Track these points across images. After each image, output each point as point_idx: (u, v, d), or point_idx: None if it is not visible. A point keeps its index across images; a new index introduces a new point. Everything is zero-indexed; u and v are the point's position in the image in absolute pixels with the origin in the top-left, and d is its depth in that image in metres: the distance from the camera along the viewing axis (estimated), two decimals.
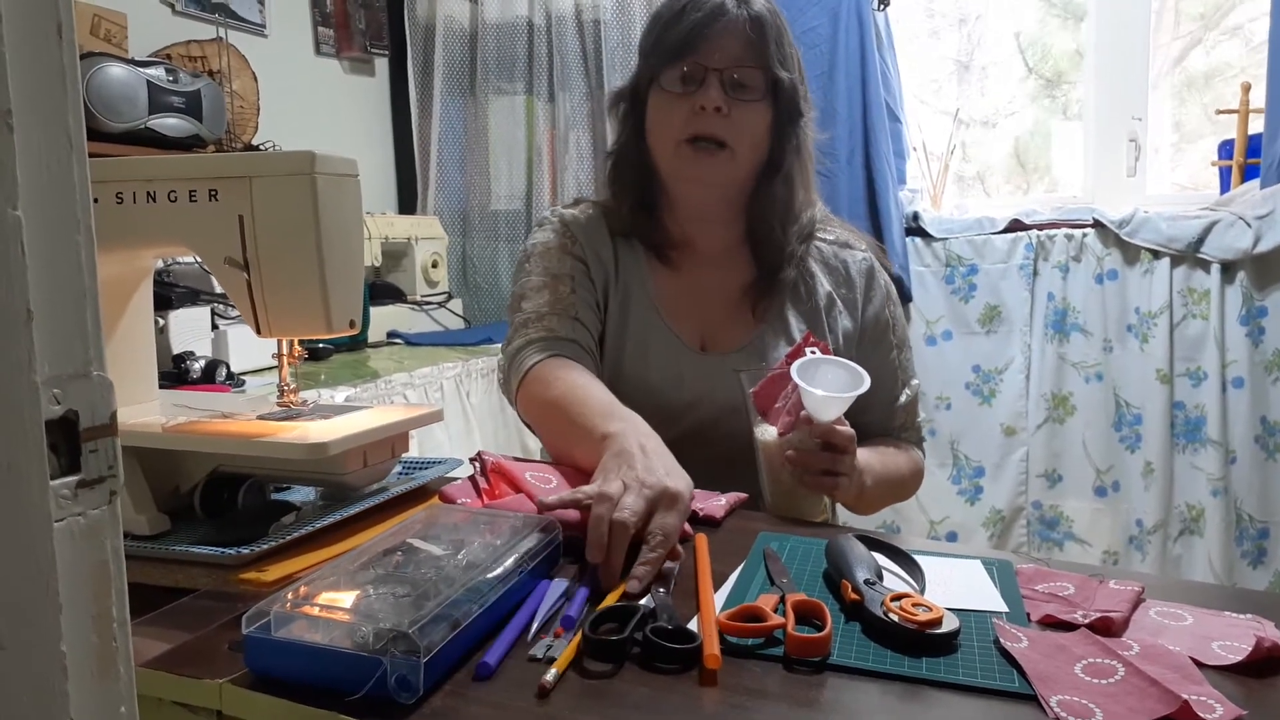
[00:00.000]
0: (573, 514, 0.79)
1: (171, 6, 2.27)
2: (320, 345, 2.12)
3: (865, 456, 1.02)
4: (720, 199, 1.15)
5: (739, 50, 1.07)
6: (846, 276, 1.19)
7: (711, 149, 1.08)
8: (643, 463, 0.81)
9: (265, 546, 0.76)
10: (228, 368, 1.79)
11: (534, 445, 1.37)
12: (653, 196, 1.17)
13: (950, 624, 0.63)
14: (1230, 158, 2.39)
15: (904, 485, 1.17)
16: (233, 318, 1.94)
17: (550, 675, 0.58)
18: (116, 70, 1.87)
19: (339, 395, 1.69)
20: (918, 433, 1.22)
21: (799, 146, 1.13)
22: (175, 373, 1.73)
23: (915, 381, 1.21)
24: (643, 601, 0.67)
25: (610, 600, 0.69)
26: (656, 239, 1.17)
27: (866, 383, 0.92)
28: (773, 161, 1.12)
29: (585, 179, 2.77)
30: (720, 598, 0.70)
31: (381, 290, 2.56)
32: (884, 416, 1.19)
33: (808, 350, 0.96)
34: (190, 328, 1.83)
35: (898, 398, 1.19)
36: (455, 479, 0.96)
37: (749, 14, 1.07)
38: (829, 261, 1.19)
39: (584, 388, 1.00)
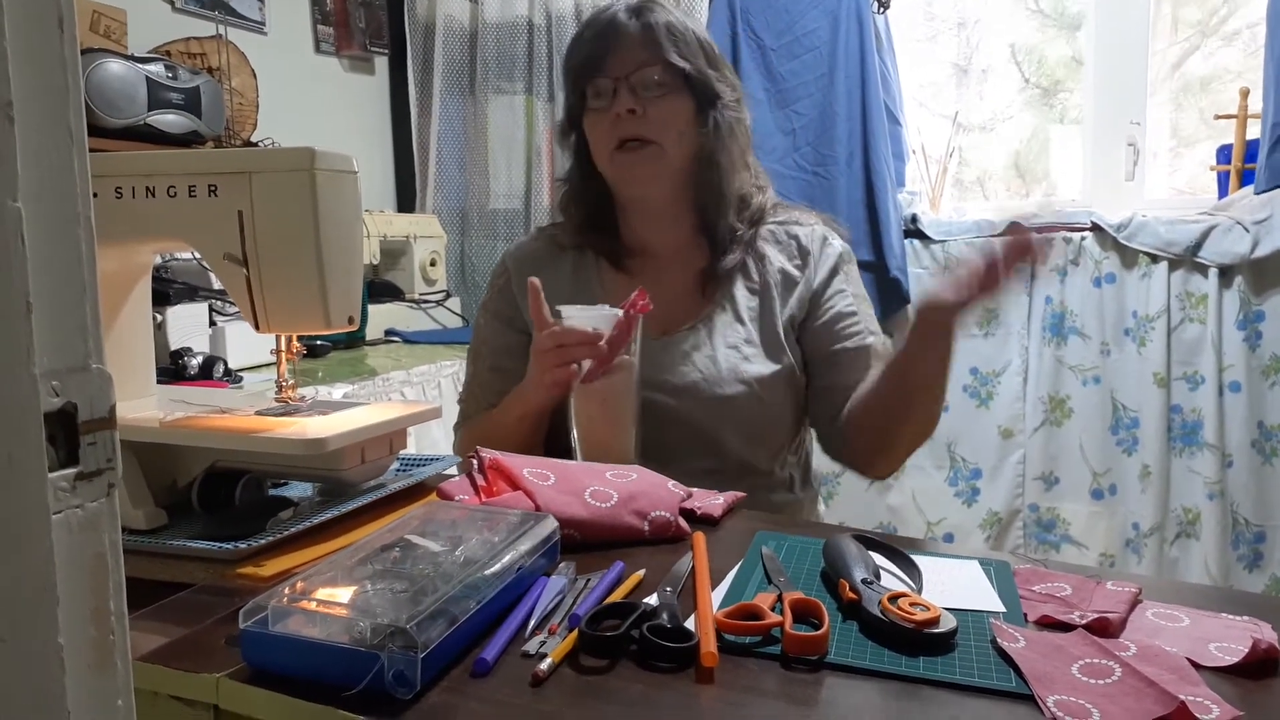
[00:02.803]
0: (576, 512, 0.80)
1: (171, 3, 2.27)
2: (318, 343, 2.12)
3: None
4: (665, 196, 1.20)
5: (637, 55, 1.14)
6: (799, 247, 1.23)
7: (637, 147, 1.14)
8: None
9: (262, 542, 0.76)
10: (225, 364, 1.79)
11: None
12: (609, 210, 1.23)
13: (947, 624, 0.63)
14: (1228, 162, 2.39)
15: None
16: (230, 314, 1.93)
17: (545, 665, 0.58)
18: (116, 66, 1.86)
19: (336, 392, 1.69)
20: None
21: (719, 127, 1.17)
22: (173, 368, 1.73)
23: (884, 339, 1.20)
24: (647, 600, 0.67)
25: (615, 596, 0.69)
26: (614, 249, 1.24)
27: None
28: (703, 148, 1.18)
29: None
30: (718, 596, 0.70)
31: (380, 288, 2.55)
32: (859, 364, 1.15)
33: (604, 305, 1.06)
34: (188, 324, 1.83)
35: (866, 343, 1.16)
36: (453, 476, 0.96)
37: (640, 22, 1.15)
38: (780, 240, 1.24)
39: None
